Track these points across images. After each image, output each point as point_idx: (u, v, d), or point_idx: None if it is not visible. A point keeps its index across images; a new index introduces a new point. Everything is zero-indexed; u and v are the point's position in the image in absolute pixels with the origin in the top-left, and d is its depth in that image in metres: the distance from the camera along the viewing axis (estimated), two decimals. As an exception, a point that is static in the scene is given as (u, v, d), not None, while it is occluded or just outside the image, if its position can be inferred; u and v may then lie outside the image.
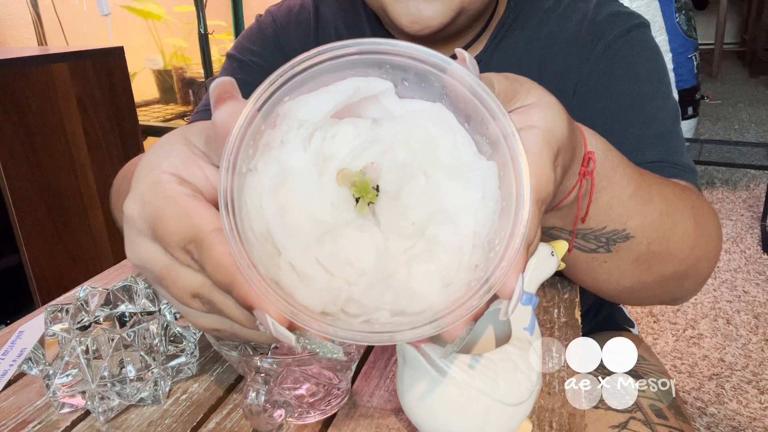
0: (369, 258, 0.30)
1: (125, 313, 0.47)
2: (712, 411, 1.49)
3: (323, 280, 0.29)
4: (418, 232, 0.31)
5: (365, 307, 0.29)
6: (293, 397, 0.42)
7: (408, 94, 0.32)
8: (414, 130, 0.31)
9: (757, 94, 4.75)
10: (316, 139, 0.31)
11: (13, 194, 1.46)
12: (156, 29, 2.65)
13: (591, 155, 0.44)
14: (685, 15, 2.51)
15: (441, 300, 0.29)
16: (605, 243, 0.52)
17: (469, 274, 0.30)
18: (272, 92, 0.28)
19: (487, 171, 0.30)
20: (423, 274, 0.30)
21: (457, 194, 0.31)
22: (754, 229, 2.45)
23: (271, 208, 0.29)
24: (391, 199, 0.31)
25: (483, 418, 0.36)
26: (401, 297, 0.29)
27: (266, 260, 0.28)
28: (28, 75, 1.47)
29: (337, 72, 0.30)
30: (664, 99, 0.65)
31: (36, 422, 0.44)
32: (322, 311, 0.28)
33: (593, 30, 0.66)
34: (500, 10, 0.71)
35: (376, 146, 0.31)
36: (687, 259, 0.55)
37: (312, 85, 0.30)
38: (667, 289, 0.57)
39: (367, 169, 0.31)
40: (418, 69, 0.30)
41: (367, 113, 0.32)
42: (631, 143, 0.62)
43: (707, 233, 0.56)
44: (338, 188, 0.30)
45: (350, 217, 0.30)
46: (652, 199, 0.51)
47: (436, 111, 0.31)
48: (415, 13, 0.60)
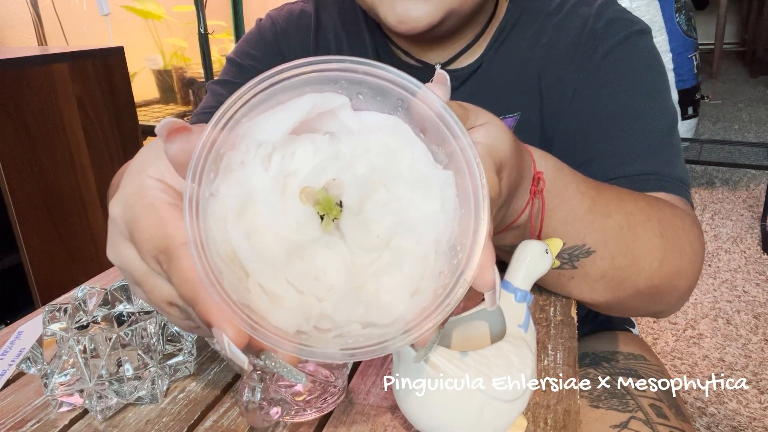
0: (337, 273, 0.30)
1: (123, 313, 0.48)
2: (712, 411, 1.49)
3: (294, 299, 0.29)
4: (383, 245, 0.31)
5: (337, 322, 0.30)
6: (289, 395, 0.42)
7: (363, 106, 0.33)
8: (372, 143, 0.32)
9: (757, 94, 4.75)
10: (276, 159, 0.31)
11: (13, 194, 1.46)
12: (156, 29, 2.66)
13: (540, 175, 0.46)
14: (685, 15, 2.51)
15: (410, 309, 0.30)
16: (568, 259, 0.53)
17: (435, 282, 0.31)
18: (230, 116, 0.29)
19: (445, 180, 0.32)
20: (390, 285, 0.31)
21: (418, 204, 0.32)
22: (754, 229, 2.45)
23: (236, 231, 0.29)
24: (354, 214, 0.31)
25: (478, 414, 0.37)
26: (372, 309, 0.30)
27: (236, 284, 0.28)
28: (28, 75, 1.47)
29: (293, 89, 0.30)
30: (660, 108, 0.65)
31: (34, 421, 0.44)
32: (297, 331, 0.29)
33: (593, 37, 0.66)
34: (500, 14, 0.71)
35: (337, 162, 0.31)
36: (658, 273, 0.55)
37: (270, 103, 0.30)
38: (644, 303, 0.58)
39: (330, 185, 0.31)
40: (373, 82, 0.31)
41: (324, 127, 0.33)
42: (621, 154, 0.62)
43: (678, 246, 0.56)
44: (302, 206, 0.31)
45: (316, 235, 0.31)
46: (609, 214, 0.52)
47: (392, 124, 0.32)
48: (402, 13, 0.60)
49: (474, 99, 0.70)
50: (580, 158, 0.64)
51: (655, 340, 1.78)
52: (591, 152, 0.64)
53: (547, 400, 0.44)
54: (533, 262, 0.42)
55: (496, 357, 0.38)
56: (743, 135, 3.72)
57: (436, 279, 0.31)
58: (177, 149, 0.29)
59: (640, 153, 0.62)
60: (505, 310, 0.41)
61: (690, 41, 2.53)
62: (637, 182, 0.61)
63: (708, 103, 4.21)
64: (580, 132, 0.65)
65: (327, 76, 0.30)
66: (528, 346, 0.40)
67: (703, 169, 3.12)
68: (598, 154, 0.63)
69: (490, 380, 0.36)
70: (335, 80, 0.31)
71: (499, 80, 0.69)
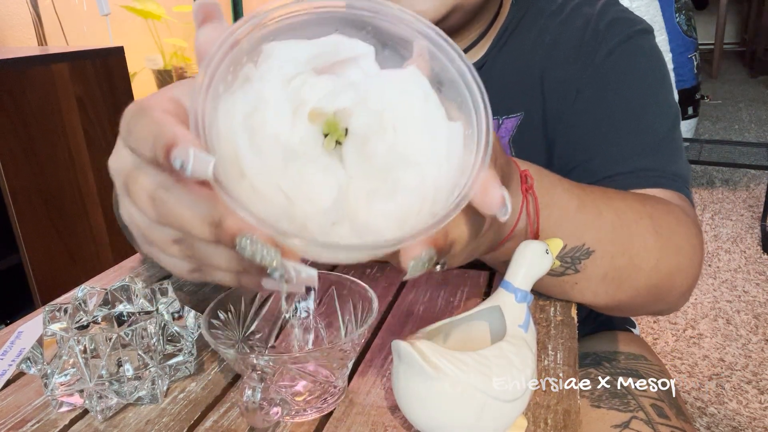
0: (330, 195, 0.30)
1: (123, 313, 0.48)
2: (712, 411, 1.49)
3: (282, 203, 0.29)
4: (382, 177, 0.32)
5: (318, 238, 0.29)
6: (290, 395, 0.42)
7: (388, 63, 0.34)
8: (388, 86, 0.33)
9: (757, 94, 4.75)
10: (296, 82, 0.32)
11: (13, 194, 1.46)
12: (156, 29, 2.66)
13: (526, 173, 0.47)
14: (685, 15, 2.52)
15: (396, 237, 0.29)
16: (571, 263, 0.52)
17: (427, 221, 0.30)
18: (258, 25, 0.30)
19: (454, 132, 0.32)
20: (381, 212, 0.31)
21: (424, 149, 0.32)
22: (754, 229, 2.45)
23: (241, 129, 0.29)
24: (359, 143, 0.32)
25: (478, 414, 0.37)
26: (356, 230, 0.30)
27: (230, 179, 0.28)
28: (28, 75, 1.48)
29: (323, 26, 0.31)
30: (662, 106, 0.65)
31: (34, 421, 0.44)
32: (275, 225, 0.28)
33: (595, 37, 0.66)
34: (504, 13, 0.71)
35: (352, 93, 0.32)
36: (656, 271, 0.55)
37: (298, 35, 0.31)
38: (645, 303, 0.58)
39: (340, 113, 0.32)
40: (397, 40, 0.33)
41: (347, 74, 0.34)
42: (621, 151, 0.62)
43: (674, 243, 0.55)
44: (309, 125, 0.31)
45: (316, 153, 0.31)
46: (600, 212, 0.53)
47: (411, 72, 0.33)
48: (407, 7, 0.60)
49: None
50: (581, 157, 0.64)
51: (655, 340, 1.78)
52: (592, 151, 0.64)
53: (547, 401, 0.44)
54: (533, 263, 0.42)
55: (496, 357, 0.38)
56: (743, 135, 3.72)
57: (429, 218, 0.30)
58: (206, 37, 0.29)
59: (641, 150, 0.62)
60: (505, 310, 0.41)
61: (690, 41, 2.54)
62: (636, 178, 0.61)
63: (708, 103, 4.22)
64: (582, 131, 0.65)
65: (357, 17, 0.31)
66: (528, 347, 0.40)
67: (703, 169, 3.12)
68: (599, 151, 0.63)
69: (491, 380, 0.36)
70: (363, 26, 0.32)
71: (502, 80, 0.69)
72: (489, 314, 0.43)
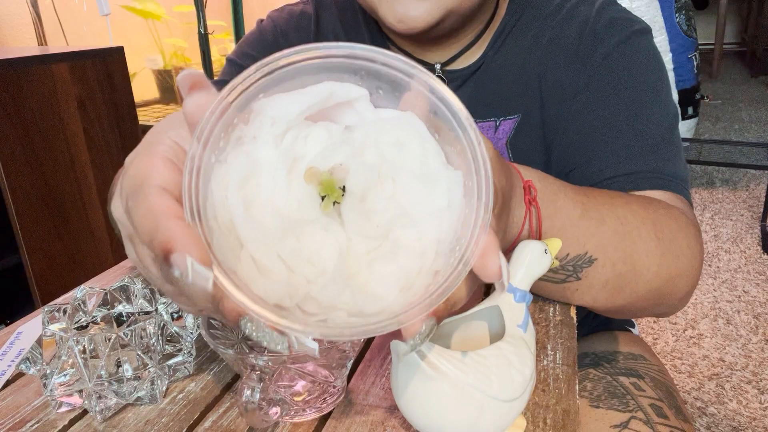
0: (330, 257, 0.30)
1: (122, 313, 0.48)
2: (712, 411, 1.49)
3: (282, 274, 0.29)
4: (382, 234, 0.31)
5: (322, 306, 0.29)
6: (289, 395, 0.42)
7: (382, 103, 0.32)
8: (384, 135, 0.32)
9: (757, 94, 4.75)
10: (288, 138, 0.31)
11: (13, 194, 1.46)
12: (156, 29, 2.66)
13: (530, 183, 0.46)
14: (685, 15, 2.51)
15: (399, 303, 0.29)
16: (573, 271, 0.52)
17: (428, 279, 0.30)
18: (247, 86, 0.29)
19: (454, 180, 0.31)
20: (382, 276, 0.30)
21: (424, 201, 0.31)
22: (754, 229, 2.45)
23: (236, 199, 0.29)
24: (357, 201, 0.31)
25: (477, 414, 0.37)
26: (358, 297, 0.29)
27: (227, 251, 0.28)
28: (28, 75, 1.48)
29: (313, 75, 0.30)
30: (661, 107, 0.65)
31: (34, 421, 0.44)
32: (276, 304, 0.28)
33: (593, 37, 0.66)
34: (500, 14, 0.71)
35: (346, 148, 0.31)
36: (657, 276, 0.55)
37: (287, 86, 0.30)
38: (646, 306, 0.58)
39: (335, 169, 0.31)
40: (392, 77, 0.31)
41: (341, 119, 0.33)
42: (620, 153, 0.62)
43: (675, 248, 0.55)
44: (305, 186, 0.30)
45: (315, 215, 0.30)
46: (603, 219, 0.53)
47: (407, 118, 0.32)
48: (401, 12, 0.60)
49: (474, 100, 0.71)
50: (580, 159, 0.64)
51: (655, 340, 1.78)
52: (590, 152, 0.64)
53: (546, 400, 0.44)
54: (532, 262, 0.42)
55: (495, 357, 0.38)
56: (743, 135, 3.72)
57: (430, 277, 0.30)
58: (194, 106, 0.28)
59: (640, 151, 0.62)
60: (504, 310, 0.41)
61: (690, 41, 2.53)
62: (636, 180, 0.61)
63: (708, 103, 4.22)
64: (580, 133, 0.65)
65: (348, 64, 0.30)
66: (527, 346, 0.40)
67: (703, 169, 3.12)
68: (598, 153, 0.63)
69: (490, 380, 0.36)
70: (355, 71, 0.31)
71: (499, 81, 0.69)
72: (488, 314, 0.43)
